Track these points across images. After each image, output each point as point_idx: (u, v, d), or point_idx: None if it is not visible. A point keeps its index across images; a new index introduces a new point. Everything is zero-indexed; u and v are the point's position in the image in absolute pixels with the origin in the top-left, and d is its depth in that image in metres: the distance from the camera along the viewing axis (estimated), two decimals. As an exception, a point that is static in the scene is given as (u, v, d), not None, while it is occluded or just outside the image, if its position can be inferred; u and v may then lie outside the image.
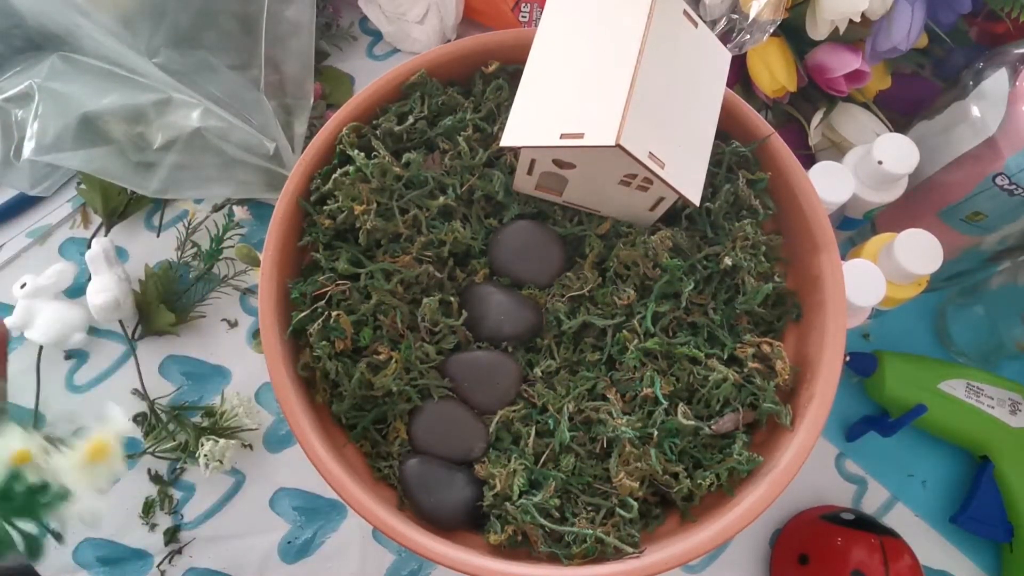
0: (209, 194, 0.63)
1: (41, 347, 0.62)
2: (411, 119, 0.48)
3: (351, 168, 0.46)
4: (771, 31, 0.53)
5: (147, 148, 0.59)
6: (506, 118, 0.43)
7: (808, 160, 0.56)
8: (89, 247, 0.62)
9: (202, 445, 0.57)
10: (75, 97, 0.59)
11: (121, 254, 0.66)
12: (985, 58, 0.53)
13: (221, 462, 0.57)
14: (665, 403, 0.43)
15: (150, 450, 0.59)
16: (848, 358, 0.58)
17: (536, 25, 0.45)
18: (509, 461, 0.43)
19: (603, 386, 0.45)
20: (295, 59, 0.63)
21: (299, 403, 0.43)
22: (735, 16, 0.54)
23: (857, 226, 0.60)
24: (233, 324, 0.64)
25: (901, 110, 0.61)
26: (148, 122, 0.59)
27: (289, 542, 0.58)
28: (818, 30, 0.55)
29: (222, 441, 0.57)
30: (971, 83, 0.52)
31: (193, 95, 0.59)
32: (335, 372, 0.44)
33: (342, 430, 0.46)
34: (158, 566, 0.57)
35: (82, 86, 0.60)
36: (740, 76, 0.61)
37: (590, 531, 0.41)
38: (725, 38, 0.54)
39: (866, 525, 0.53)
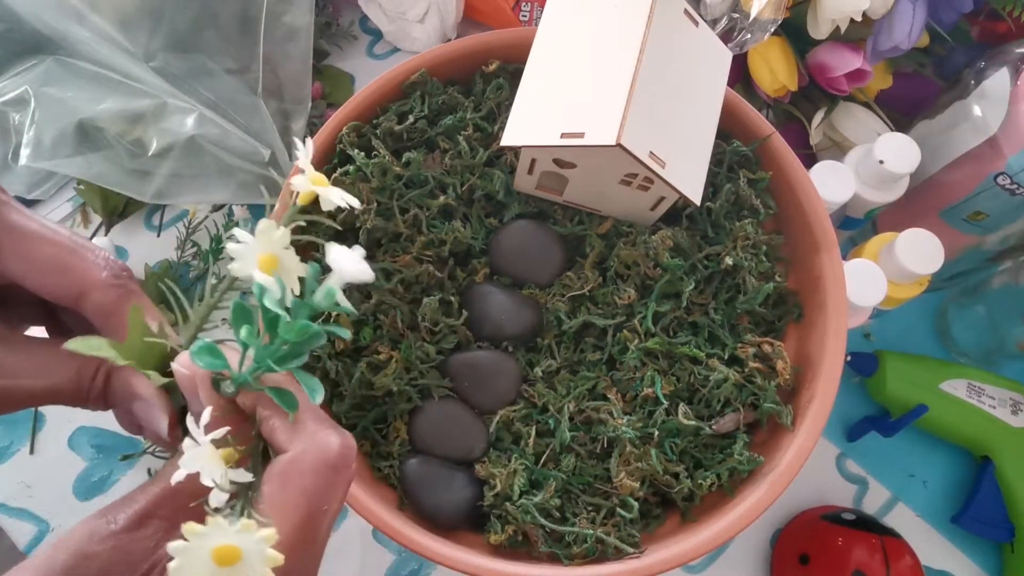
0: (206, 199, 0.63)
1: (41, 347, 0.62)
2: (411, 118, 0.48)
3: (351, 167, 0.46)
4: (772, 30, 0.53)
5: (142, 155, 0.59)
6: (506, 117, 0.43)
7: (809, 159, 0.56)
8: (89, 246, 0.62)
9: (202, 445, 0.57)
10: (71, 103, 0.59)
11: (121, 254, 0.66)
12: (987, 57, 0.53)
13: (221, 462, 0.57)
14: (666, 403, 0.43)
15: (150, 450, 0.59)
16: (849, 358, 0.58)
17: (536, 24, 0.45)
18: (509, 461, 0.43)
19: (604, 386, 0.44)
20: (293, 63, 0.63)
21: (299, 403, 0.42)
22: (736, 15, 0.54)
23: (858, 226, 0.60)
24: (233, 324, 0.64)
25: (902, 109, 0.61)
26: (144, 128, 0.59)
27: (289, 542, 0.57)
28: (819, 29, 0.55)
29: (222, 441, 0.57)
30: (972, 82, 0.52)
31: (188, 100, 0.59)
32: (335, 372, 0.44)
33: (342, 430, 0.46)
34: (158, 566, 0.57)
35: (78, 91, 0.60)
36: (741, 75, 0.61)
37: (590, 531, 0.41)
38: (726, 37, 0.54)
39: (867, 525, 0.53)
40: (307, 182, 0.24)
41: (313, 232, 0.47)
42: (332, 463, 0.22)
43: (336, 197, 0.24)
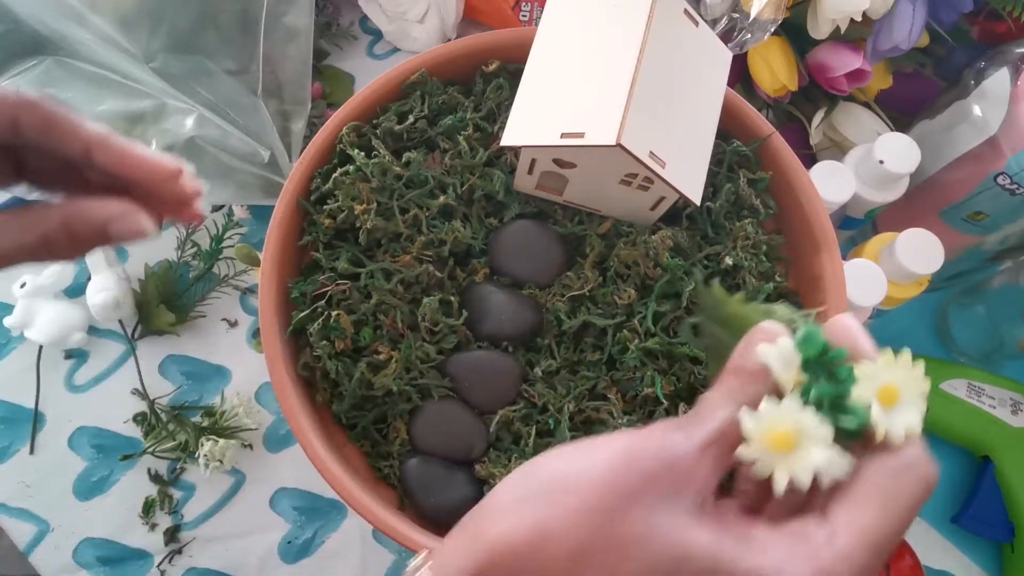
0: (206, 200, 0.63)
1: (41, 347, 0.62)
2: (411, 118, 0.48)
3: (351, 167, 0.46)
4: (772, 30, 0.53)
5: (142, 156, 0.59)
6: (506, 117, 0.43)
7: (809, 159, 0.56)
8: (89, 247, 0.62)
9: (202, 445, 0.57)
10: (70, 104, 0.59)
11: (121, 253, 0.66)
12: (987, 57, 0.53)
13: (221, 462, 0.57)
14: (666, 403, 0.43)
15: (150, 450, 0.59)
16: (849, 358, 0.58)
17: (536, 24, 0.45)
18: (509, 461, 0.43)
19: (604, 386, 0.44)
20: (293, 63, 0.63)
21: (299, 403, 0.43)
22: (736, 15, 0.54)
23: (858, 226, 0.60)
24: (233, 324, 0.64)
25: (902, 109, 0.61)
26: (143, 129, 0.59)
27: (289, 542, 0.58)
28: (819, 29, 0.55)
29: (222, 441, 0.57)
30: (972, 82, 0.52)
31: (188, 101, 0.59)
32: (335, 372, 0.44)
33: (342, 430, 0.46)
34: (158, 566, 0.57)
35: (77, 92, 0.60)
36: (741, 75, 0.61)
37: (591, 531, 0.40)
38: (726, 37, 0.54)
39: (867, 525, 0.53)
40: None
41: (312, 232, 0.47)
42: (931, 488, 0.22)
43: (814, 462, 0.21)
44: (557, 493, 0.21)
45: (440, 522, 0.43)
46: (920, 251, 0.50)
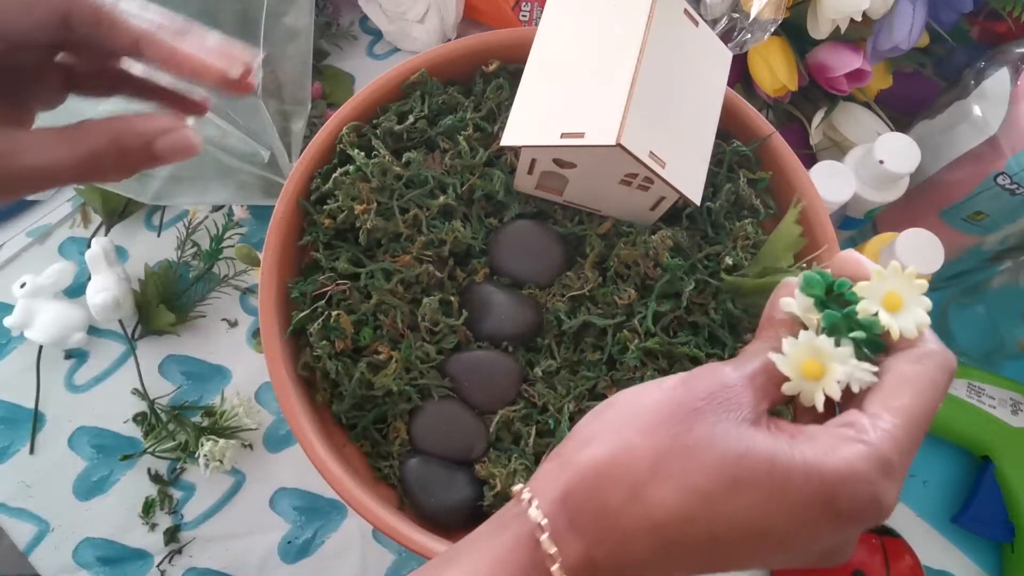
0: (206, 200, 0.63)
1: (41, 347, 0.62)
2: (411, 118, 0.48)
3: (351, 167, 0.46)
4: (772, 30, 0.53)
5: (142, 156, 0.59)
6: (506, 117, 0.43)
7: (809, 159, 0.56)
8: (89, 247, 0.62)
9: (202, 445, 0.57)
10: (70, 103, 0.59)
11: (121, 254, 0.66)
12: (987, 57, 0.53)
13: (221, 462, 0.57)
14: (666, 403, 0.43)
15: (150, 450, 0.59)
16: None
17: (536, 24, 0.45)
18: (509, 461, 0.43)
19: (604, 386, 0.44)
20: (293, 63, 0.63)
21: (299, 403, 0.43)
22: (736, 15, 0.54)
23: (858, 226, 0.60)
24: (233, 324, 0.64)
25: (902, 109, 0.61)
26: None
27: (289, 542, 0.58)
28: (819, 29, 0.55)
29: (222, 441, 0.57)
30: (972, 82, 0.52)
31: (187, 101, 0.59)
32: (335, 372, 0.44)
33: (342, 430, 0.46)
34: (158, 566, 0.57)
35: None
36: (741, 75, 0.61)
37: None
38: (726, 37, 0.54)
39: (867, 525, 0.53)
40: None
41: (312, 232, 0.47)
42: (951, 371, 0.25)
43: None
44: (631, 418, 0.25)
45: (440, 522, 0.43)
46: (920, 251, 0.50)
